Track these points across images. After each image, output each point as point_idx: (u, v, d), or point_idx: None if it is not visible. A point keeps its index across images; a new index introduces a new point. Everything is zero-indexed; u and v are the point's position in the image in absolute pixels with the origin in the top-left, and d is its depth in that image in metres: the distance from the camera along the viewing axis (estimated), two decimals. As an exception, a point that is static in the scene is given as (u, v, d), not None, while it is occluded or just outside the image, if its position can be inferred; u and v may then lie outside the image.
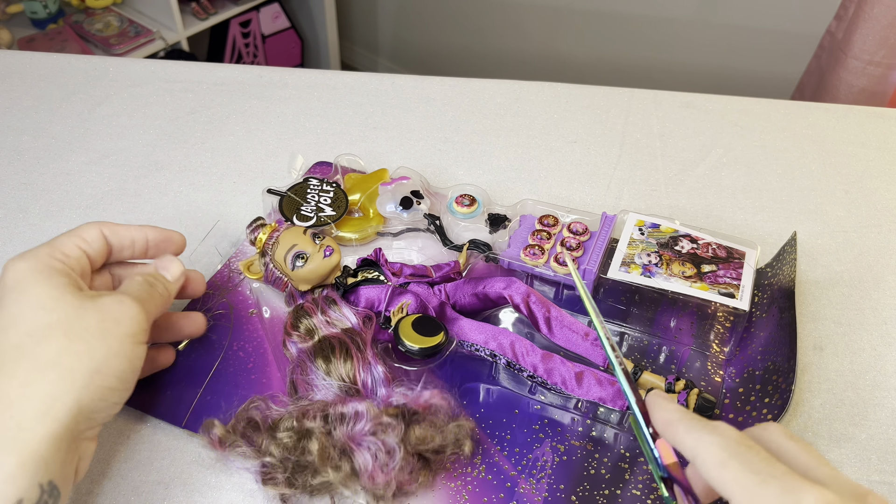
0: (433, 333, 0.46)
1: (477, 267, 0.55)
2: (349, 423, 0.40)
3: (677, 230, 0.53)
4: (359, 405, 0.40)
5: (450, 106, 0.74)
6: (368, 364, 0.44)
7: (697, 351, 0.49)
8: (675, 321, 0.50)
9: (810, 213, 0.63)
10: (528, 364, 0.46)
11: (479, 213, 0.58)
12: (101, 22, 1.71)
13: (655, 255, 0.51)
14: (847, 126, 0.73)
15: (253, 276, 0.52)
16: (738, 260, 0.51)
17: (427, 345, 0.45)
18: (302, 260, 0.48)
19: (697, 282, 0.49)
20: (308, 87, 0.76)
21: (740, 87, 1.56)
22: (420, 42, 2.07)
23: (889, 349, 0.51)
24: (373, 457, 0.38)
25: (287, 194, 0.57)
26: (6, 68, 0.77)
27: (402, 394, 0.42)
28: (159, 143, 0.68)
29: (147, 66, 0.79)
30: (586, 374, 0.45)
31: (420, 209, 0.57)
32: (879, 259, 0.59)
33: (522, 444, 0.44)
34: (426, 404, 0.42)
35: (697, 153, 0.69)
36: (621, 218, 0.55)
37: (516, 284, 0.49)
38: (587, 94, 0.76)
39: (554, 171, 0.67)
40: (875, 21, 1.07)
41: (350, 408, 0.40)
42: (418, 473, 0.40)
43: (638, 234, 0.53)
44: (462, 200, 0.58)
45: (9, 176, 0.64)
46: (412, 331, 0.46)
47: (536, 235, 0.54)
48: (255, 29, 1.95)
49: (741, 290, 0.48)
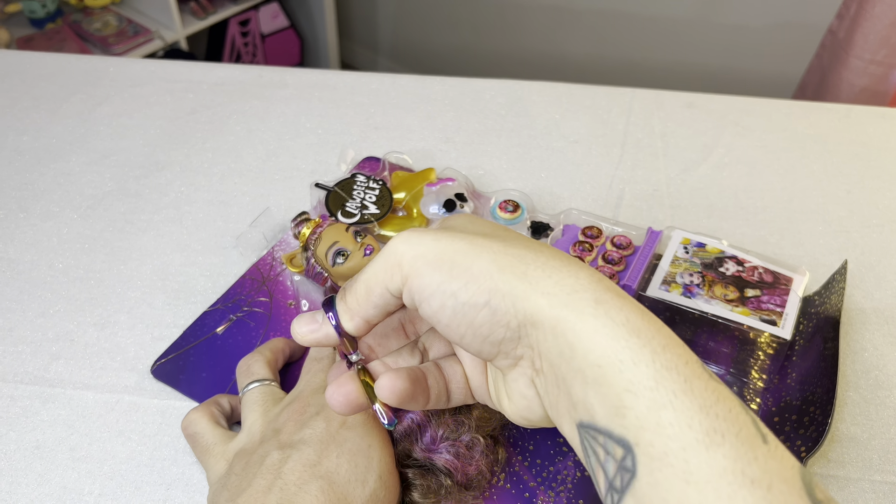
0: None
1: None
2: (418, 438, 0.39)
3: (724, 251, 0.51)
4: (414, 416, 0.39)
5: (451, 106, 0.74)
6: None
7: (735, 376, 0.48)
8: (713, 344, 0.49)
9: (812, 212, 0.63)
10: None
11: (522, 220, 0.57)
12: (99, 21, 1.70)
13: (698, 275, 0.50)
14: (849, 126, 0.73)
15: (294, 269, 0.53)
16: (785, 286, 0.49)
17: None
18: (342, 257, 0.49)
19: (739, 306, 0.47)
20: (309, 86, 0.76)
21: (742, 86, 1.56)
22: (420, 42, 2.07)
23: (891, 349, 0.51)
24: (455, 457, 0.39)
25: (334, 189, 0.57)
26: (6, 68, 0.77)
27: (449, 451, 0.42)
28: (160, 143, 0.68)
29: (147, 65, 0.79)
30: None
31: (463, 212, 0.56)
32: (881, 259, 0.59)
33: (545, 456, 0.43)
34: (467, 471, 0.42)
35: (699, 153, 0.69)
36: (667, 234, 0.53)
37: None
38: (589, 94, 0.76)
39: (555, 170, 0.66)
40: (877, 20, 1.07)
41: (408, 421, 0.39)
42: (496, 452, 0.41)
43: (682, 252, 0.52)
44: (506, 206, 0.57)
45: (9, 176, 0.64)
46: None
47: (578, 247, 0.53)
48: (255, 28, 1.94)
49: (784, 318, 0.47)
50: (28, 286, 0.54)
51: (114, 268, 0.56)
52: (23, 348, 0.50)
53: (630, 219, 0.61)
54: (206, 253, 0.57)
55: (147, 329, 0.51)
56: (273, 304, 0.52)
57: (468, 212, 0.57)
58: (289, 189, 0.63)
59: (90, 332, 0.51)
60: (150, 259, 0.56)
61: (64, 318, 0.52)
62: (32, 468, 0.43)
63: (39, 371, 0.48)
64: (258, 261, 0.55)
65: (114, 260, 0.56)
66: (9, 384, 0.47)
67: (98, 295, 0.53)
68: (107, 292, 0.54)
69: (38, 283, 0.54)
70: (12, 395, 0.47)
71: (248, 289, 0.53)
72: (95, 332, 0.51)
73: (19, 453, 0.44)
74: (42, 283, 0.54)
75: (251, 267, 0.55)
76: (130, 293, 0.54)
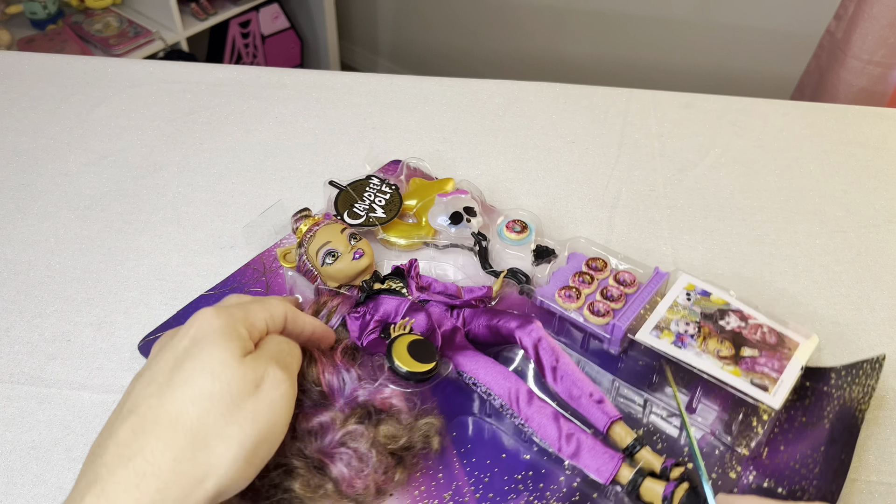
0: (427, 360, 0.43)
1: (509, 297, 0.52)
2: (317, 437, 0.40)
3: (729, 303, 0.48)
4: (323, 416, 0.40)
5: (448, 106, 0.74)
6: (336, 367, 0.43)
7: (718, 438, 0.44)
8: (704, 399, 0.45)
9: (809, 213, 0.63)
10: (522, 413, 0.43)
11: (528, 242, 0.55)
12: (100, 22, 1.71)
13: (695, 325, 0.46)
14: (846, 126, 0.73)
15: (287, 264, 0.53)
16: (788, 351, 0.45)
17: (415, 370, 0.43)
18: (332, 257, 0.49)
19: (731, 364, 0.44)
20: (307, 87, 0.76)
21: (739, 87, 1.56)
22: (420, 42, 2.07)
23: (887, 349, 0.51)
24: (347, 466, 0.39)
25: (346, 189, 0.57)
26: (5, 69, 0.77)
27: (365, 388, 0.42)
28: (158, 143, 0.68)
29: (146, 66, 0.79)
30: (578, 437, 0.41)
31: (470, 226, 0.55)
32: (878, 259, 0.59)
33: (499, 491, 0.41)
34: (385, 403, 0.41)
35: (696, 153, 0.69)
36: (673, 277, 0.50)
37: (531, 327, 0.46)
38: (586, 95, 0.76)
39: (552, 171, 0.66)
40: (874, 20, 1.07)
41: (316, 421, 0.40)
42: (394, 472, 0.40)
43: (684, 298, 0.48)
44: (513, 226, 0.55)
45: (7, 177, 0.64)
46: (406, 352, 0.44)
47: (578, 278, 0.50)
48: (255, 29, 1.95)
49: (778, 385, 0.43)
50: (25, 286, 0.54)
51: (111, 268, 0.56)
52: (19, 348, 0.50)
53: (626, 219, 0.61)
54: (203, 253, 0.57)
55: (144, 329, 0.51)
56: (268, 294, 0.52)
57: (475, 227, 0.55)
58: (286, 189, 0.63)
59: (87, 332, 0.51)
60: (148, 259, 0.56)
61: (61, 319, 0.52)
62: (28, 468, 0.43)
63: (36, 371, 0.48)
64: (264, 252, 0.56)
65: (111, 260, 0.56)
66: (5, 384, 0.47)
67: (95, 295, 0.54)
68: (104, 292, 0.54)
69: (35, 283, 0.54)
70: (9, 396, 0.47)
71: (248, 278, 0.53)
72: (92, 333, 0.51)
73: (15, 454, 0.44)
74: (39, 284, 0.54)
75: (256, 257, 0.55)
76: (127, 293, 0.54)
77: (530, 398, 0.43)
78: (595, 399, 0.43)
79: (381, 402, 0.42)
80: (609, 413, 0.43)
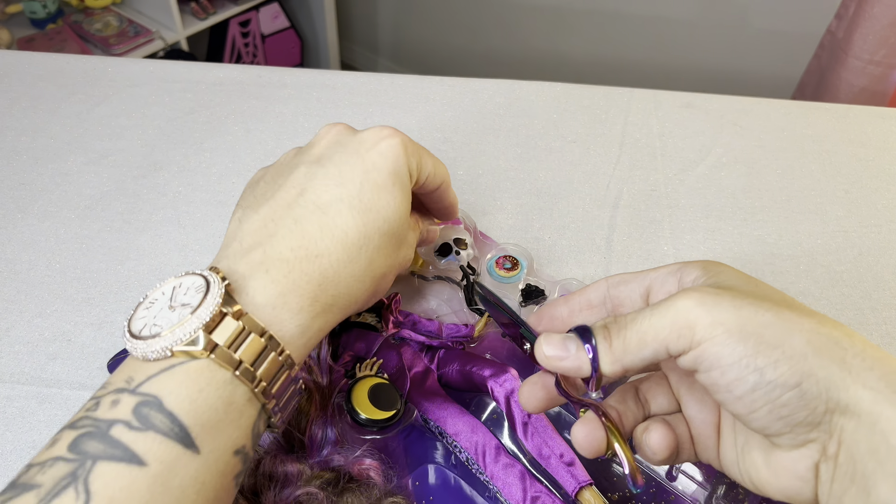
0: (389, 406, 0.42)
1: (490, 338, 0.49)
2: (277, 486, 0.38)
3: None
4: (291, 466, 0.38)
5: (449, 106, 0.74)
6: (324, 421, 0.41)
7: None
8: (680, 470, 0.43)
9: (810, 212, 0.63)
10: (488, 470, 0.41)
11: (518, 280, 0.53)
12: (100, 22, 1.70)
13: None
14: (847, 126, 0.73)
15: None
16: None
17: (375, 416, 0.41)
18: None
19: None
20: (307, 86, 0.76)
21: (741, 86, 1.56)
22: (420, 42, 2.07)
23: (889, 349, 0.51)
24: None
25: None
26: (5, 68, 0.77)
27: (342, 454, 0.40)
28: (158, 143, 0.68)
29: (146, 66, 0.79)
30: (544, 500, 0.39)
31: (459, 259, 0.53)
32: (880, 259, 0.59)
33: None
34: (362, 473, 0.39)
35: (697, 153, 0.69)
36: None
37: (504, 376, 0.44)
38: (587, 94, 0.76)
39: (553, 170, 0.66)
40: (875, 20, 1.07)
41: (281, 469, 0.38)
42: None
43: None
44: (503, 262, 0.54)
45: (7, 176, 0.64)
46: (366, 398, 0.42)
47: None
48: (255, 29, 1.95)
49: None
50: (25, 286, 0.54)
51: (111, 268, 0.56)
52: (20, 348, 0.50)
53: (627, 219, 0.61)
54: (203, 253, 0.57)
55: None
56: None
57: (465, 259, 0.53)
58: (287, 189, 0.63)
59: (87, 332, 0.51)
60: (148, 259, 0.56)
61: (61, 319, 0.52)
62: (29, 468, 0.43)
63: (36, 371, 0.48)
64: None
65: (111, 260, 0.56)
66: (5, 384, 0.47)
67: (95, 295, 0.53)
68: (104, 292, 0.54)
69: (35, 283, 0.54)
70: (9, 396, 0.47)
71: None
72: (93, 333, 0.51)
73: (16, 454, 0.44)
74: (39, 284, 0.54)
75: None
76: (128, 293, 0.54)
77: (497, 454, 0.41)
78: (565, 461, 0.41)
79: (359, 471, 0.39)
80: (578, 477, 0.40)
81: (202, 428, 0.28)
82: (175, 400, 0.28)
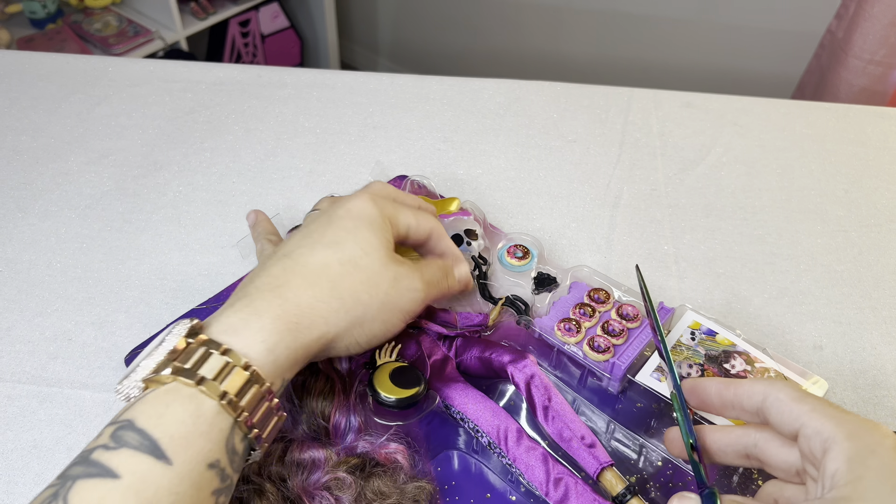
0: (412, 384, 0.42)
1: (505, 326, 0.49)
2: (305, 472, 0.38)
3: (735, 344, 0.46)
4: (317, 453, 0.39)
5: (449, 105, 0.74)
6: (347, 409, 0.42)
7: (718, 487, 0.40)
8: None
9: (810, 212, 0.63)
10: (511, 453, 0.41)
11: (529, 268, 0.53)
12: (100, 22, 1.70)
13: (698, 368, 0.44)
14: (847, 125, 0.73)
15: None
16: None
17: (400, 395, 0.42)
18: None
19: None
20: (307, 86, 0.76)
21: (741, 86, 1.56)
22: (420, 42, 2.07)
23: (889, 348, 0.51)
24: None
25: None
26: (5, 68, 0.77)
27: (368, 441, 0.41)
28: (158, 142, 0.68)
29: (146, 65, 0.79)
30: (567, 481, 0.40)
31: (470, 250, 0.53)
32: (879, 258, 0.59)
33: None
34: (388, 458, 0.40)
35: (697, 152, 0.69)
36: (679, 313, 0.48)
37: (524, 362, 0.44)
38: (587, 94, 0.76)
39: (553, 170, 0.66)
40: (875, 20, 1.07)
41: (308, 455, 0.39)
42: None
43: (689, 338, 0.46)
44: (514, 251, 0.53)
45: (7, 176, 0.64)
46: (388, 380, 0.42)
47: (580, 310, 0.48)
48: (255, 28, 1.95)
49: None
50: (26, 286, 0.54)
51: (112, 267, 0.56)
52: (20, 347, 0.50)
53: (627, 219, 0.61)
54: (204, 252, 0.57)
55: (145, 328, 0.51)
56: None
57: (476, 250, 0.53)
58: (287, 189, 0.63)
59: (88, 331, 0.51)
60: (148, 258, 0.56)
61: (62, 318, 0.52)
62: (30, 468, 0.43)
63: (37, 370, 0.48)
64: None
65: (112, 259, 0.56)
66: (6, 383, 0.47)
67: (96, 294, 0.53)
68: (105, 292, 0.54)
69: (36, 282, 0.54)
70: (10, 395, 0.47)
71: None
72: (93, 332, 0.51)
73: (16, 453, 0.44)
74: (40, 283, 0.54)
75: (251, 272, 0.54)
76: (128, 293, 0.54)
77: (519, 438, 0.41)
78: (587, 443, 0.41)
79: (385, 456, 0.40)
80: (600, 459, 0.40)
81: (171, 439, 0.30)
82: (145, 417, 0.31)
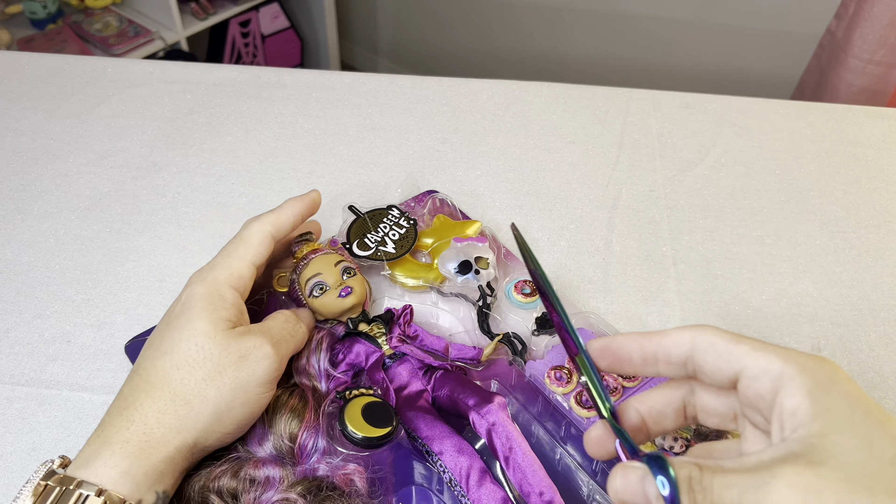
0: (383, 423, 0.41)
1: (496, 364, 0.48)
2: (258, 489, 0.38)
3: None
4: (273, 471, 0.39)
5: (448, 106, 0.74)
6: (315, 430, 0.41)
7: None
8: None
9: (809, 213, 0.63)
10: (470, 493, 0.40)
11: (534, 307, 0.51)
12: (100, 22, 1.70)
13: (683, 441, 0.42)
14: (846, 126, 0.73)
15: (280, 288, 0.50)
16: None
17: (369, 434, 0.40)
18: (320, 290, 0.46)
19: None
20: (306, 87, 0.76)
21: (740, 87, 1.56)
22: (420, 42, 2.07)
23: (887, 350, 0.51)
24: None
25: (363, 216, 0.55)
26: (5, 69, 0.77)
27: (328, 463, 0.40)
28: (157, 144, 0.68)
29: (145, 66, 0.79)
30: None
31: (478, 279, 0.51)
32: (878, 259, 0.59)
33: None
34: (345, 479, 0.39)
35: (696, 153, 0.69)
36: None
37: (487, 408, 0.42)
38: (586, 95, 0.76)
39: (552, 171, 0.66)
40: (875, 20, 1.07)
41: (262, 473, 0.39)
42: None
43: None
44: (522, 287, 0.52)
45: (7, 177, 0.64)
46: (360, 414, 0.41)
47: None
48: (255, 29, 1.95)
49: None
50: (25, 287, 0.54)
51: (111, 269, 0.56)
52: (19, 349, 0.50)
53: (626, 220, 0.61)
54: (203, 254, 0.57)
55: (144, 330, 0.51)
56: (263, 311, 0.50)
57: (485, 279, 0.51)
58: (286, 190, 0.63)
59: (87, 333, 0.51)
60: (148, 260, 0.56)
61: (61, 320, 0.52)
62: (29, 470, 0.43)
63: (36, 373, 0.48)
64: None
65: (111, 261, 0.56)
66: (5, 386, 0.47)
67: (95, 296, 0.54)
68: (104, 293, 0.54)
69: (34, 284, 0.54)
70: (8, 397, 0.47)
71: (256, 293, 0.51)
72: (92, 334, 0.51)
73: (15, 455, 0.44)
74: (39, 285, 0.54)
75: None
76: (127, 294, 0.54)
77: (482, 479, 0.40)
78: (545, 499, 0.39)
79: (342, 477, 0.40)
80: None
81: None
82: None
